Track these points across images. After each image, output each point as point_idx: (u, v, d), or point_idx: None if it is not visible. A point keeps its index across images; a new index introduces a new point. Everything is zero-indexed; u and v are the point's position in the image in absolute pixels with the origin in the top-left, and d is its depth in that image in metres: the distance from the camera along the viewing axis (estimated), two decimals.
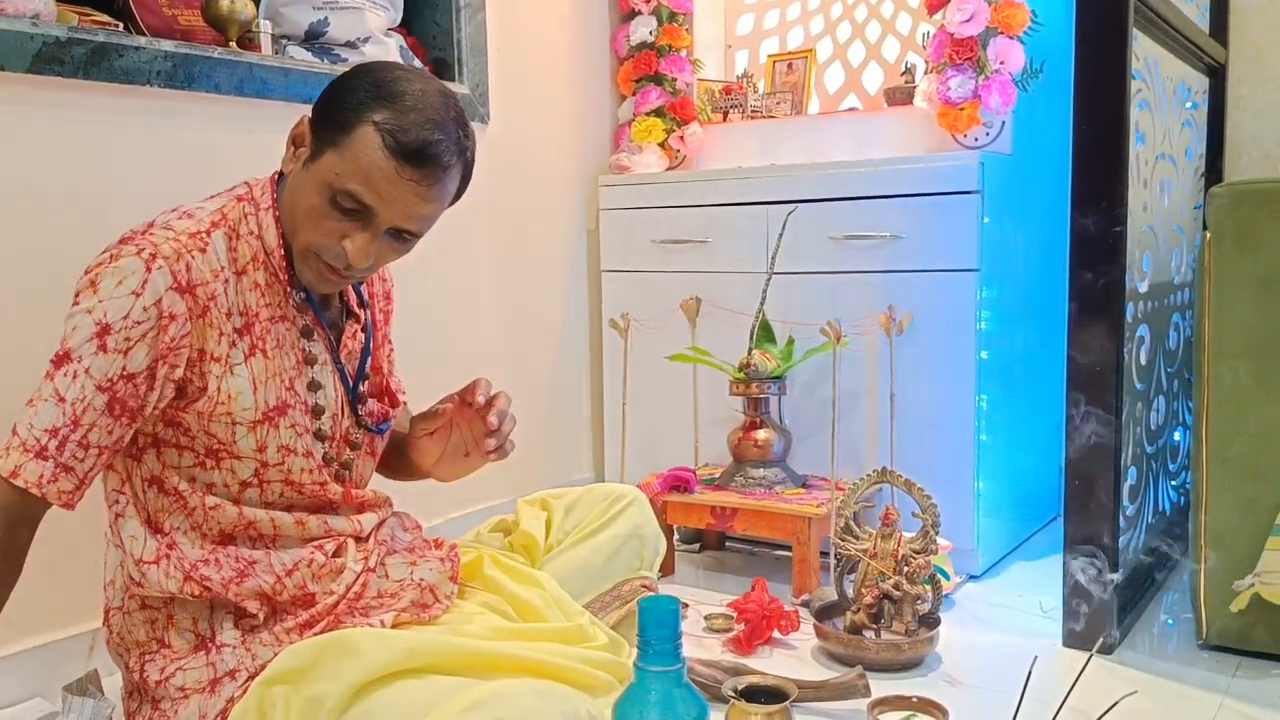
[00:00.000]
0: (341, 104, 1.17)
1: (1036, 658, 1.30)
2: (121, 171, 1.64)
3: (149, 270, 1.13)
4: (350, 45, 2.01)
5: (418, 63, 2.16)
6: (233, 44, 1.80)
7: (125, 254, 1.13)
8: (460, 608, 1.33)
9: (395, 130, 1.14)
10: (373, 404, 1.39)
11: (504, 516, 1.61)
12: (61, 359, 1.12)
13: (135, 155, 1.66)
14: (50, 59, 1.52)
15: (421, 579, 1.31)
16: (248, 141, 1.81)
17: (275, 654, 1.16)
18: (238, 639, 1.21)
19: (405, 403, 1.47)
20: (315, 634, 1.21)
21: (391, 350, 1.48)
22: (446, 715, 1.02)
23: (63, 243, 1.57)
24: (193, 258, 1.16)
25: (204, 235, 1.19)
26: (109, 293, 1.12)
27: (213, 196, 1.26)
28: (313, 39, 1.98)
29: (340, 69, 1.94)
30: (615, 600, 1.55)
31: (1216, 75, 2.39)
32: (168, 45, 1.66)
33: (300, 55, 1.94)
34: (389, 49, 2.06)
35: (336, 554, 1.31)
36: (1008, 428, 2.25)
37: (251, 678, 1.16)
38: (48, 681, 1.51)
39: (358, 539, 1.35)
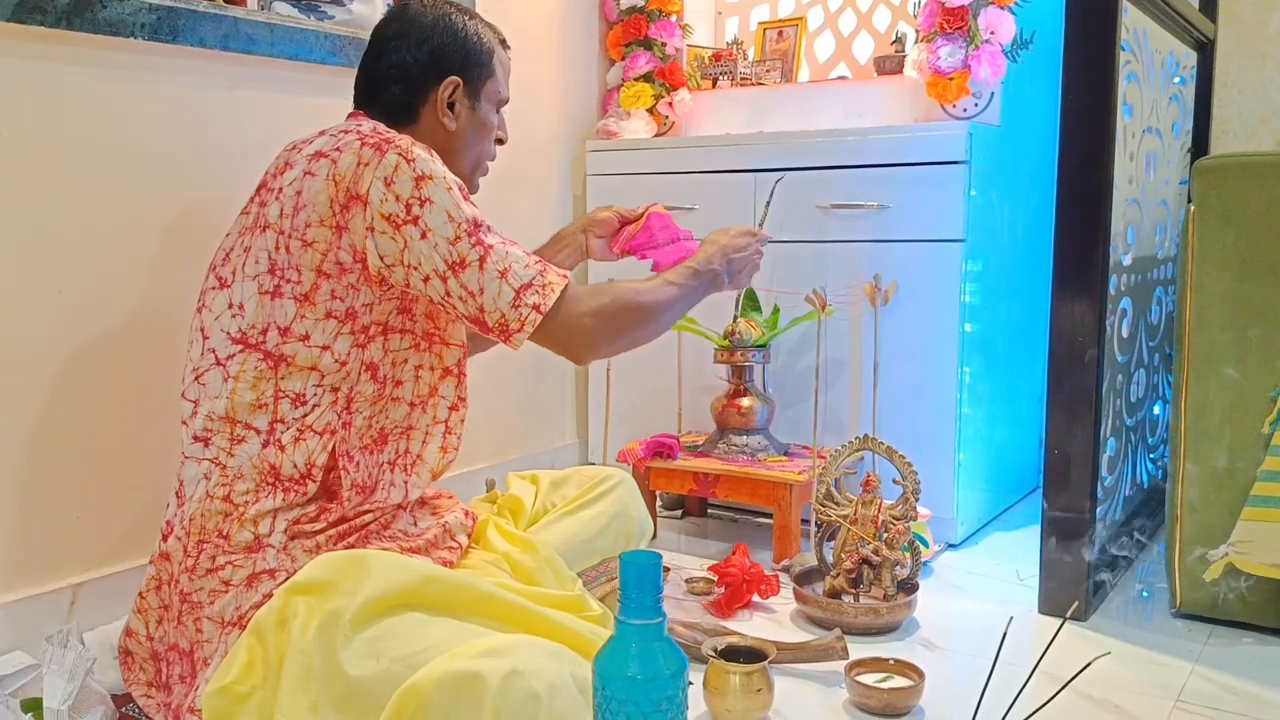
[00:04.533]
0: (477, 49, 1.46)
1: (1012, 618, 1.31)
2: (102, 124, 1.62)
3: (430, 154, 1.30)
4: (336, 2, 1.99)
5: None
6: None
7: (402, 147, 1.26)
8: (468, 566, 1.39)
9: (500, 39, 1.51)
10: None
11: (495, 490, 1.70)
12: (474, 227, 1.26)
13: (117, 108, 1.64)
14: (32, 8, 1.50)
15: (445, 523, 1.40)
16: (231, 97, 1.80)
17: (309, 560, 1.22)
18: (283, 541, 1.26)
19: None
20: (346, 547, 1.28)
21: None
22: (462, 655, 1.06)
23: (40, 194, 1.56)
24: None
25: None
26: (436, 168, 1.27)
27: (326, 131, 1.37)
28: None
29: (327, 26, 1.93)
30: (601, 576, 1.58)
31: (1205, 50, 2.40)
32: None
33: (286, 11, 1.92)
34: (375, 7, 2.04)
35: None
36: (989, 400, 2.27)
37: (288, 578, 1.21)
38: (29, 635, 1.51)
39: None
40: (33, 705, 1.31)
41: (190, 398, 1.32)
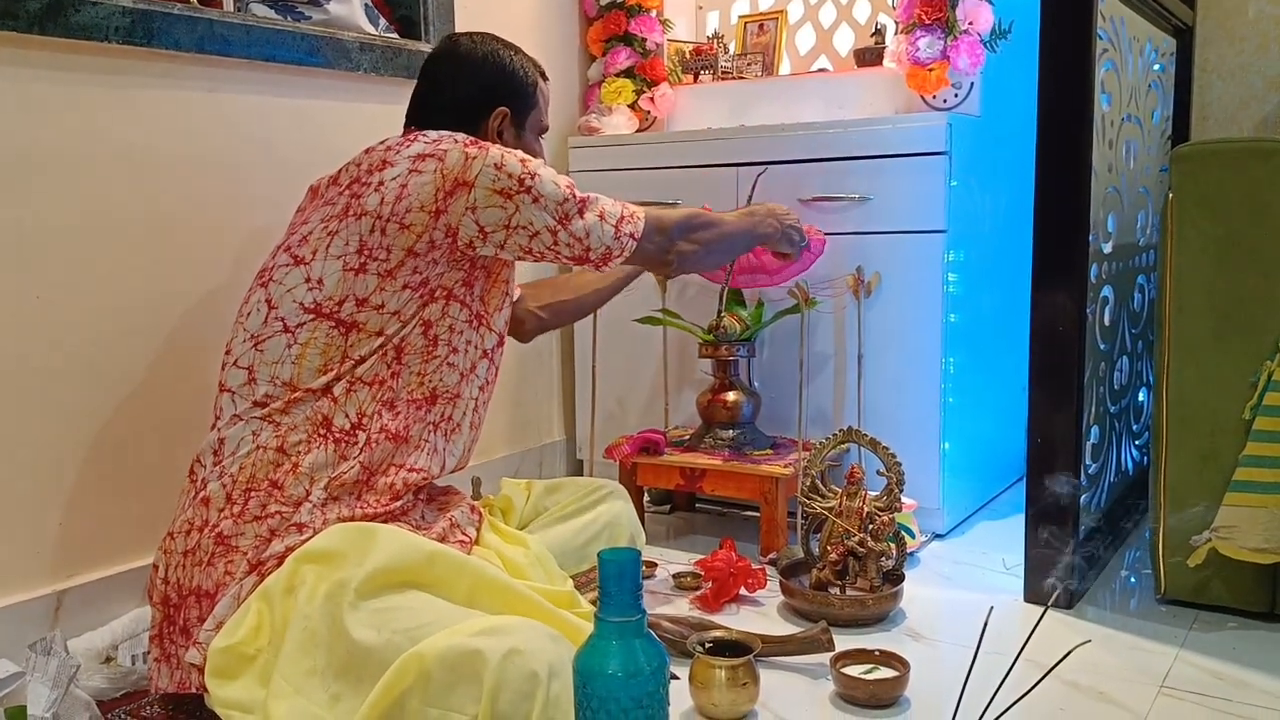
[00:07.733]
0: (522, 83, 1.61)
1: (993, 608, 1.31)
2: (78, 130, 1.61)
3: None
4: (313, 2, 1.98)
5: (383, 21, 2.13)
6: (194, 0, 1.77)
7: (497, 146, 1.45)
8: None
9: (541, 72, 1.66)
10: None
11: (488, 496, 1.72)
12: (571, 189, 1.45)
13: (93, 113, 1.63)
14: (4, 13, 1.49)
15: (452, 517, 1.44)
16: (208, 100, 1.79)
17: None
18: (321, 499, 1.32)
19: None
20: (367, 518, 1.34)
21: None
22: (464, 631, 1.11)
23: (16, 199, 1.55)
24: None
25: None
26: (527, 155, 1.45)
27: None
28: None
29: (304, 27, 1.92)
30: (591, 583, 1.58)
31: (1184, 37, 2.40)
32: (126, 0, 1.63)
33: (262, 12, 1.91)
34: (353, 7, 2.03)
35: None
36: (974, 390, 2.27)
37: (314, 534, 1.28)
38: (12, 642, 1.51)
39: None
40: (17, 713, 1.30)
41: (243, 365, 1.40)
